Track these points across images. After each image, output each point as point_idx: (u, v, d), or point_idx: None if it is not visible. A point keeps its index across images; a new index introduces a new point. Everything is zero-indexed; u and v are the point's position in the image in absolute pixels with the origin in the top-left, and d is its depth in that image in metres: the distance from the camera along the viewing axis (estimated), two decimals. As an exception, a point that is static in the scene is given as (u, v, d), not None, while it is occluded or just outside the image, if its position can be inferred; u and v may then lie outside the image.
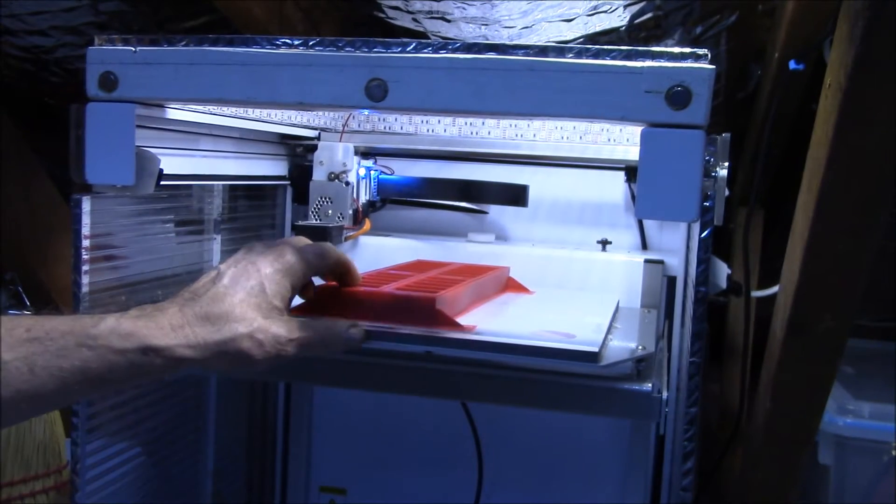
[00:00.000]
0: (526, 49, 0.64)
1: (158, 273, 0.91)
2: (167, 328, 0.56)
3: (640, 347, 0.73)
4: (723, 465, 1.27)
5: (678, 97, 0.61)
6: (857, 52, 0.63)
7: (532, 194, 1.06)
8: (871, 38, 0.62)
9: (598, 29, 1.12)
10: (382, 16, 1.16)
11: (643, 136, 0.62)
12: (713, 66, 0.61)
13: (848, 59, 0.65)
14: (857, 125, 0.69)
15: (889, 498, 1.16)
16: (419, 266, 0.92)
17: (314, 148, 1.04)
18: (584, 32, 1.13)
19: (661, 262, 1.00)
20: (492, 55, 0.64)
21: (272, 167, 1.08)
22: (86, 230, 0.76)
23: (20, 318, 0.54)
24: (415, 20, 1.16)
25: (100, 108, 0.70)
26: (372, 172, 1.07)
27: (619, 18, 1.11)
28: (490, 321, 0.79)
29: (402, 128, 1.10)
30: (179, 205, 0.95)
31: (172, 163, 0.81)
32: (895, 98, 0.65)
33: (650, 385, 0.71)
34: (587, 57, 0.62)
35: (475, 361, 0.74)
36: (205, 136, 0.90)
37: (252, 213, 1.09)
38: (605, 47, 0.63)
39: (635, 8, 1.09)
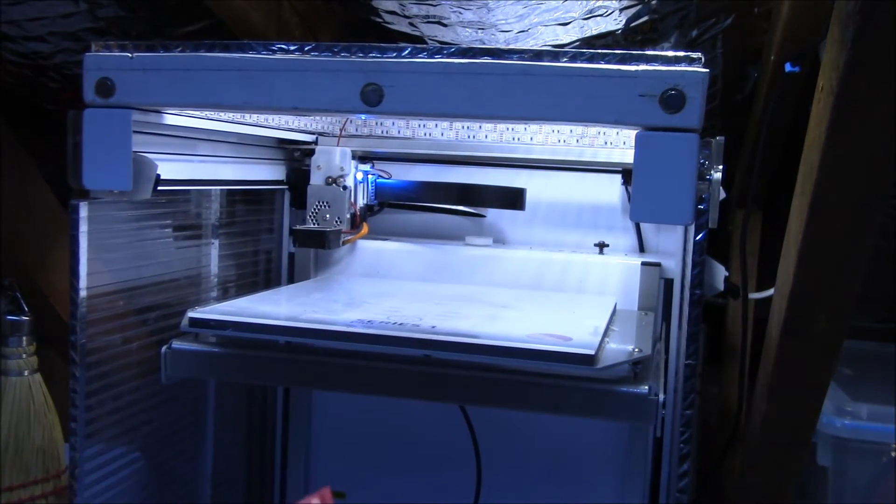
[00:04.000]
0: (521, 53, 0.64)
1: (156, 278, 0.91)
2: None
3: (636, 350, 0.74)
4: (722, 466, 1.27)
5: (672, 101, 0.61)
6: (848, 56, 0.63)
7: (529, 197, 1.06)
8: (862, 42, 0.62)
9: (594, 32, 1.13)
10: (379, 20, 1.17)
11: (637, 139, 0.62)
12: (707, 70, 0.61)
13: (840, 63, 0.65)
14: (850, 128, 0.69)
15: (888, 499, 1.16)
16: None
17: (312, 152, 1.04)
18: (580, 36, 1.13)
19: (658, 264, 1.00)
20: (487, 60, 0.64)
21: (270, 172, 1.08)
22: (84, 235, 0.76)
23: None
24: (411, 24, 1.16)
25: (97, 113, 0.71)
26: (369, 176, 1.07)
27: (615, 22, 1.11)
28: (488, 324, 0.79)
29: (399, 132, 1.10)
30: (177, 210, 0.95)
31: (170, 168, 0.82)
32: (887, 101, 0.66)
33: (647, 387, 0.71)
34: (582, 61, 0.63)
35: (473, 365, 0.74)
36: (202, 141, 0.90)
37: (250, 217, 1.10)
38: (600, 51, 0.63)
39: (631, 11, 1.09)
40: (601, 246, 1.07)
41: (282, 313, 0.83)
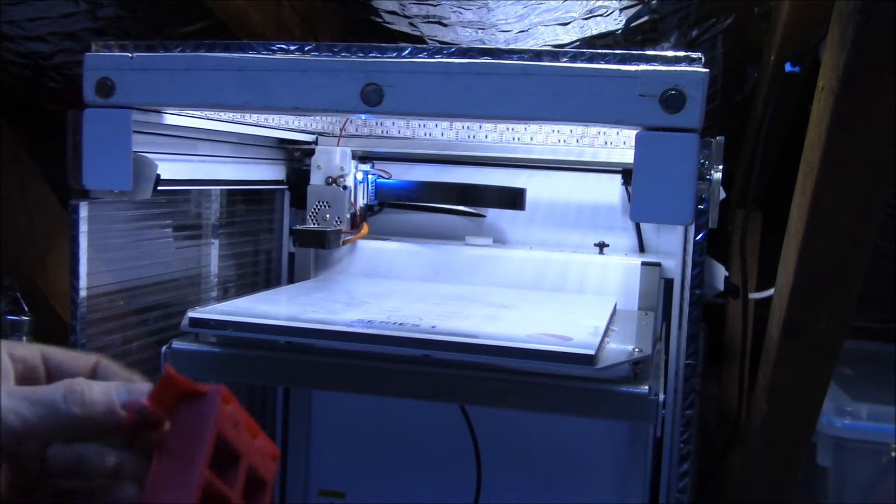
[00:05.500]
0: (521, 53, 0.64)
1: (157, 278, 0.91)
2: None
3: (636, 350, 0.74)
4: (722, 466, 1.27)
5: (672, 101, 0.61)
6: (848, 56, 0.63)
7: (529, 197, 1.06)
8: (862, 42, 0.62)
9: (594, 32, 1.13)
10: (379, 20, 1.17)
11: (638, 139, 0.62)
12: (707, 70, 0.61)
13: (840, 63, 0.65)
14: (850, 128, 0.69)
15: (888, 499, 1.16)
16: None
17: (312, 152, 1.04)
18: (580, 36, 1.13)
19: (659, 264, 1.00)
20: (487, 60, 0.64)
21: (270, 172, 1.08)
22: (84, 235, 0.76)
23: None
24: (411, 24, 1.16)
25: (97, 113, 0.70)
26: (369, 176, 1.07)
27: (615, 22, 1.11)
28: (488, 324, 0.79)
29: (399, 132, 1.10)
30: (177, 209, 0.95)
31: (170, 168, 0.82)
32: (887, 101, 0.66)
33: (647, 387, 0.71)
34: (582, 61, 0.63)
35: (473, 365, 0.74)
36: (202, 140, 0.90)
37: (250, 217, 1.10)
38: (600, 51, 0.63)
39: (631, 11, 1.09)
40: (601, 246, 1.07)
41: (282, 313, 0.83)
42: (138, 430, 0.44)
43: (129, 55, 0.70)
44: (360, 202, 1.06)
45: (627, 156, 1.03)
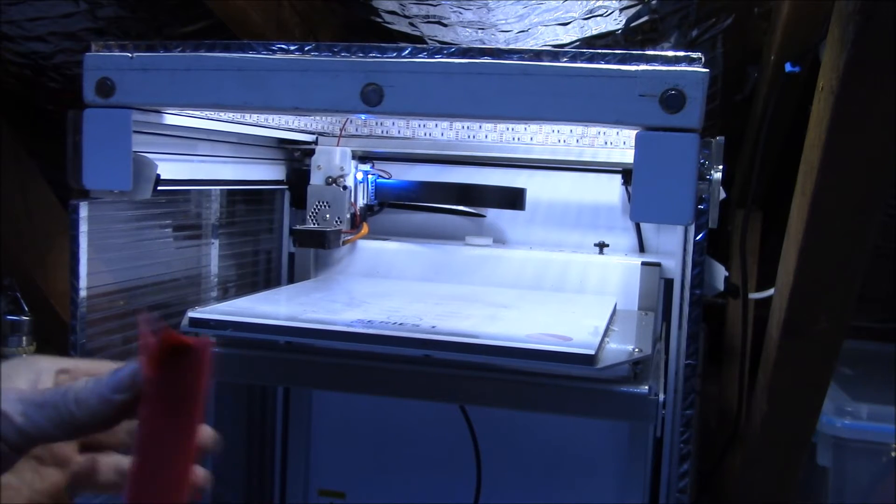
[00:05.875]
0: (521, 53, 0.64)
1: (157, 278, 0.91)
2: None
3: (636, 350, 0.74)
4: (722, 466, 1.27)
5: (672, 101, 0.61)
6: (848, 56, 0.63)
7: (529, 197, 1.06)
8: (862, 42, 0.62)
9: (594, 32, 1.13)
10: (379, 20, 1.17)
11: (638, 139, 0.62)
12: (707, 70, 0.61)
13: (840, 63, 0.65)
14: (850, 128, 0.69)
15: (888, 499, 1.16)
16: None
17: (312, 152, 1.04)
18: (580, 36, 1.13)
19: (658, 264, 1.00)
20: (487, 60, 0.64)
21: (270, 172, 1.08)
22: (84, 235, 0.76)
23: None
24: (411, 24, 1.16)
25: (97, 113, 0.70)
26: (369, 176, 1.07)
27: (615, 22, 1.11)
28: (488, 324, 0.79)
29: (399, 132, 1.10)
30: (177, 209, 0.95)
31: (170, 168, 0.82)
32: (887, 101, 0.66)
33: (647, 387, 0.71)
34: (582, 61, 0.63)
35: (473, 365, 0.74)
36: (202, 140, 0.90)
37: (250, 217, 1.10)
38: (600, 51, 0.63)
39: (631, 11, 1.09)
40: (601, 246, 1.07)
41: (282, 313, 0.83)
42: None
43: (129, 55, 0.70)
44: (360, 202, 1.06)
45: (627, 156, 1.03)
